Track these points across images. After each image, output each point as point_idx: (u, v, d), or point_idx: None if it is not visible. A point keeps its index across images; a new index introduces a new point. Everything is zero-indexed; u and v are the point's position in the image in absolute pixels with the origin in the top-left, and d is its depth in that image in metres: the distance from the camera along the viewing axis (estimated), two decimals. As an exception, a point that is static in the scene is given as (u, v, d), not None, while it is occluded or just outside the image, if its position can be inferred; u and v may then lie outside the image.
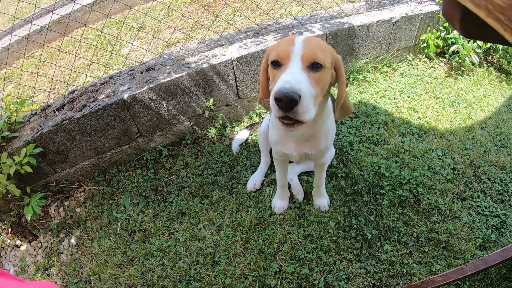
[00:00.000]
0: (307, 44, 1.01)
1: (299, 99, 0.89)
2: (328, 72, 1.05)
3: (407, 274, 1.61)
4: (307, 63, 0.99)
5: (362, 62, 2.83)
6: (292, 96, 0.88)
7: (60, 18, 4.12)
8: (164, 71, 2.18)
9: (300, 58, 0.99)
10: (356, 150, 2.22)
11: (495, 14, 0.33)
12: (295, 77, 0.94)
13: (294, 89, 0.89)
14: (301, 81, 0.94)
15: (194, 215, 1.95)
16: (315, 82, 0.99)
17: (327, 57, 1.03)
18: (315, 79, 0.99)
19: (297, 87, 0.90)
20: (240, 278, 1.62)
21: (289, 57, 1.00)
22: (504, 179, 2.10)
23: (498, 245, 1.75)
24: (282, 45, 1.04)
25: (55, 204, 2.14)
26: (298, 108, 0.91)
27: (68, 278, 1.79)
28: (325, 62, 1.01)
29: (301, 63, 0.98)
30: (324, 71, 1.02)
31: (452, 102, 2.75)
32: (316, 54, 0.99)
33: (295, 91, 0.89)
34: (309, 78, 0.97)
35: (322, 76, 1.02)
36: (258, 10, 3.61)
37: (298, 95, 0.89)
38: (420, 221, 1.83)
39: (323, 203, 1.87)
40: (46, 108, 2.13)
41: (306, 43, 1.01)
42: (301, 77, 0.95)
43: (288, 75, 0.95)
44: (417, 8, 2.93)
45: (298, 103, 0.89)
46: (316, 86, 1.00)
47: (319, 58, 0.99)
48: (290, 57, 1.00)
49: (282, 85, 0.91)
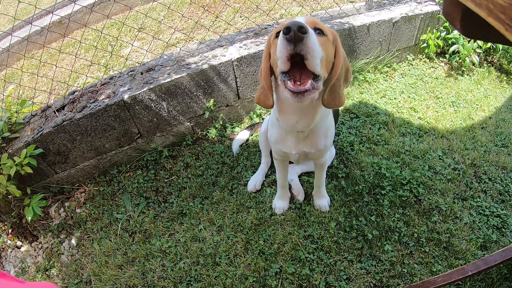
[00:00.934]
0: (309, 17, 1.07)
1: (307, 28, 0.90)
2: (330, 44, 1.07)
3: (408, 275, 1.61)
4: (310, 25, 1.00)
5: (362, 62, 2.83)
6: (299, 23, 0.88)
7: (60, 19, 4.12)
8: (164, 72, 2.18)
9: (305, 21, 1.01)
10: (356, 150, 2.22)
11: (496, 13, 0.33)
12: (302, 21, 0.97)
13: (302, 22, 0.90)
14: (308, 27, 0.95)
15: (194, 215, 1.94)
16: (320, 43, 0.99)
17: (327, 30, 1.08)
18: (319, 40, 0.99)
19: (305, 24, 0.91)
20: (241, 279, 1.62)
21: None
22: (505, 179, 2.10)
23: (499, 245, 1.75)
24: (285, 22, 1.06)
25: (55, 205, 2.14)
26: (307, 40, 0.90)
27: (69, 279, 1.79)
28: (326, 31, 1.06)
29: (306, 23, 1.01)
30: (326, 39, 1.05)
31: (453, 102, 2.75)
32: (316, 22, 1.05)
33: (303, 23, 0.89)
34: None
35: (325, 43, 1.03)
36: (258, 10, 3.61)
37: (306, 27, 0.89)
38: (420, 221, 1.83)
39: (324, 203, 1.87)
40: (47, 109, 2.13)
41: (308, 17, 1.07)
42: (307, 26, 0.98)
43: None
44: (417, 8, 2.92)
45: (307, 32, 0.89)
46: (322, 48, 1.00)
47: (320, 25, 1.05)
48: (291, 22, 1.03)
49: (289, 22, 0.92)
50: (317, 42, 0.95)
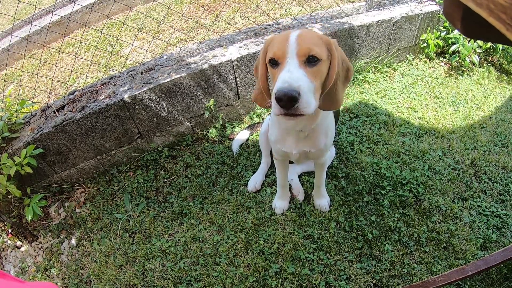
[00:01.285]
0: (301, 40, 1.02)
1: (298, 96, 0.92)
2: (325, 64, 1.06)
3: (408, 274, 1.61)
4: (303, 58, 1.01)
5: (362, 62, 2.83)
6: (291, 95, 0.91)
7: (60, 19, 4.12)
8: (164, 72, 2.18)
9: (296, 55, 1.01)
10: (356, 150, 2.22)
11: (497, 13, 0.33)
12: (293, 75, 0.97)
13: (292, 87, 0.92)
14: (299, 78, 0.96)
15: (194, 215, 1.94)
16: (313, 76, 1.01)
17: (323, 49, 1.04)
18: (312, 74, 1.01)
19: (295, 84, 0.93)
20: (241, 279, 1.62)
21: (285, 55, 1.02)
22: (505, 179, 2.10)
23: (499, 245, 1.75)
24: (277, 43, 1.06)
25: (55, 204, 2.14)
26: (298, 105, 0.94)
27: (69, 279, 1.79)
28: (321, 55, 1.02)
29: (297, 59, 1.00)
30: (321, 64, 1.03)
31: (453, 102, 2.75)
32: (311, 49, 1.00)
33: (294, 89, 0.92)
34: (306, 73, 1.00)
35: (319, 69, 1.03)
36: (258, 10, 3.61)
37: (297, 92, 0.92)
38: (420, 221, 1.83)
39: (324, 203, 1.87)
40: (46, 108, 2.13)
41: (300, 39, 1.02)
42: (299, 74, 0.98)
43: (286, 73, 0.98)
44: (417, 8, 2.92)
45: (298, 101, 0.93)
46: (315, 79, 1.01)
47: (314, 52, 1.00)
48: (286, 55, 1.02)
49: (281, 84, 0.94)
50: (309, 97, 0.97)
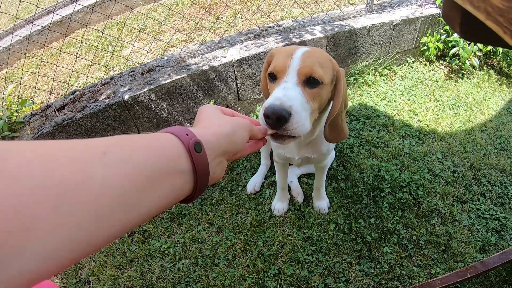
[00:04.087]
0: (306, 58, 0.95)
1: (288, 116, 0.83)
2: (326, 89, 0.99)
3: (407, 277, 1.61)
4: (303, 78, 0.93)
5: (362, 64, 2.83)
6: (280, 114, 0.82)
7: (61, 19, 4.13)
8: (165, 73, 2.18)
9: (296, 73, 0.93)
10: (356, 152, 2.22)
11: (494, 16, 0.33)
12: (288, 93, 0.89)
13: (283, 106, 0.83)
14: (293, 97, 0.88)
15: (193, 216, 1.94)
16: (311, 98, 0.94)
17: (327, 73, 0.97)
18: (311, 95, 0.94)
19: (288, 104, 0.85)
20: (240, 280, 1.62)
21: (285, 71, 0.95)
22: (504, 182, 2.10)
23: (498, 248, 1.75)
24: (281, 56, 0.99)
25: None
26: (287, 125, 0.84)
27: (67, 279, 1.78)
28: (323, 78, 0.95)
29: (296, 77, 0.93)
30: (321, 87, 0.96)
31: (452, 105, 2.75)
32: (313, 70, 0.93)
33: (284, 109, 0.83)
34: (304, 93, 0.92)
35: (319, 92, 0.96)
36: (259, 12, 3.62)
37: (288, 112, 0.83)
38: (420, 223, 1.83)
39: (323, 205, 1.87)
40: (47, 108, 2.13)
41: (305, 56, 0.95)
42: (294, 93, 0.90)
43: (280, 90, 0.90)
44: (417, 11, 2.93)
45: (287, 121, 0.83)
46: (312, 102, 0.94)
47: (316, 74, 0.93)
48: (287, 71, 0.94)
49: (272, 101, 0.85)
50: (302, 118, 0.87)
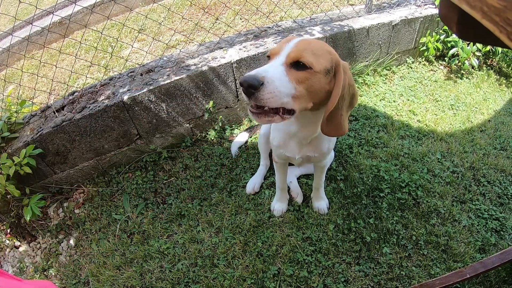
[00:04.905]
0: (300, 44, 1.01)
1: (259, 85, 0.91)
2: (317, 76, 1.00)
3: (406, 277, 1.61)
4: (290, 61, 0.99)
5: (361, 65, 2.83)
6: (250, 81, 0.90)
7: (60, 20, 4.13)
8: (164, 73, 2.18)
9: (286, 55, 0.99)
10: (355, 153, 2.22)
11: (490, 15, 0.33)
12: (268, 68, 0.96)
13: (255, 76, 0.91)
14: (270, 71, 0.95)
15: (193, 217, 1.94)
16: (296, 80, 0.98)
17: (320, 61, 1.00)
18: (296, 77, 0.98)
19: (262, 74, 0.92)
20: (239, 281, 1.62)
21: (278, 53, 1.02)
22: (504, 182, 2.10)
23: (498, 248, 1.75)
24: (278, 43, 1.06)
25: (54, 205, 2.14)
26: (258, 94, 0.92)
27: (67, 279, 1.78)
28: (312, 64, 0.98)
29: (285, 59, 0.99)
30: (310, 72, 0.99)
31: (452, 105, 2.75)
32: (302, 55, 0.98)
33: (256, 77, 0.90)
34: (287, 73, 0.97)
35: (307, 77, 0.99)
36: (258, 13, 3.62)
37: (259, 81, 0.91)
38: (419, 224, 1.83)
39: (322, 205, 1.87)
40: (46, 109, 2.13)
41: (299, 43, 1.02)
42: (274, 69, 0.96)
43: (265, 66, 0.98)
44: (416, 11, 2.93)
45: (257, 89, 0.91)
46: (297, 84, 0.98)
47: (304, 58, 0.97)
48: (279, 53, 1.01)
49: (250, 72, 0.93)
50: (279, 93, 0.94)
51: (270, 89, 0.92)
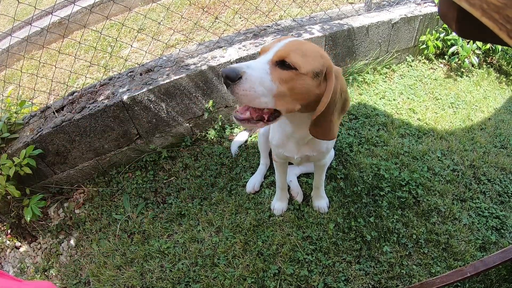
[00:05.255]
0: (290, 44, 1.01)
1: (237, 78, 0.91)
2: (302, 78, 0.98)
3: (407, 276, 1.61)
4: (276, 59, 0.98)
5: (361, 63, 2.83)
6: (227, 73, 0.91)
7: (60, 20, 4.12)
8: (164, 73, 2.18)
9: (273, 53, 0.99)
10: (355, 151, 2.22)
11: (490, 13, 0.33)
12: (252, 63, 0.96)
13: (236, 69, 0.91)
14: (253, 67, 0.95)
15: (193, 216, 1.94)
16: (279, 79, 0.97)
17: (309, 63, 0.98)
18: (280, 77, 0.97)
19: (243, 69, 0.92)
20: (239, 280, 1.62)
21: (267, 51, 1.02)
22: (504, 180, 2.10)
23: (498, 246, 1.74)
24: (271, 41, 1.06)
25: (54, 205, 2.14)
26: (234, 87, 0.92)
27: (67, 280, 1.79)
28: (299, 65, 0.96)
29: (271, 57, 0.98)
30: (295, 73, 0.97)
31: (452, 103, 2.75)
32: (289, 55, 0.96)
33: (236, 70, 0.91)
34: (271, 71, 0.97)
35: (291, 77, 0.97)
36: (257, 11, 3.61)
37: (237, 74, 0.91)
38: (419, 222, 1.83)
39: (322, 204, 1.87)
40: (46, 109, 2.13)
41: (290, 43, 1.01)
42: (258, 65, 0.96)
43: (250, 61, 0.98)
44: (416, 9, 2.93)
45: (233, 81, 0.91)
46: (281, 84, 0.97)
47: (290, 58, 0.96)
48: (268, 51, 1.01)
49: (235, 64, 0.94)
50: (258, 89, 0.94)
51: (246, 86, 0.93)
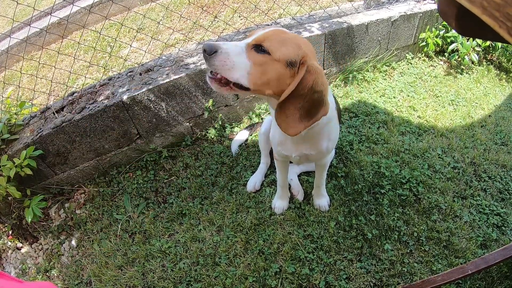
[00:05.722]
0: (271, 32, 1.07)
1: (214, 52, 1.00)
2: (274, 64, 1.04)
3: (408, 274, 1.61)
4: (253, 43, 1.05)
5: (361, 61, 2.82)
6: (205, 47, 1.00)
7: (59, 20, 4.12)
8: (163, 72, 2.18)
9: (252, 38, 1.07)
10: (356, 149, 2.21)
11: (490, 11, 0.33)
12: (229, 43, 1.04)
13: (213, 44, 1.01)
14: (230, 45, 1.03)
15: (194, 216, 1.94)
16: (253, 61, 1.03)
17: (283, 51, 1.04)
18: (254, 59, 1.03)
19: (219, 45, 1.01)
20: (241, 279, 1.62)
21: (250, 36, 1.10)
22: (505, 177, 2.10)
23: (499, 243, 1.74)
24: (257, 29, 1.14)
25: (55, 206, 2.14)
26: (212, 59, 1.00)
27: (69, 280, 1.79)
28: (272, 51, 1.03)
29: (249, 41, 1.06)
30: (267, 57, 1.03)
31: (452, 101, 2.75)
32: (266, 40, 1.04)
33: (212, 45, 1.00)
34: (248, 53, 1.04)
35: (264, 61, 1.04)
36: (256, 10, 3.61)
37: (214, 48, 1.00)
38: (420, 220, 1.83)
39: (323, 203, 1.87)
40: (46, 110, 2.13)
41: (272, 31, 1.08)
42: (235, 44, 1.04)
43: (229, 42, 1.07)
44: (415, 6, 2.92)
45: (210, 54, 1.00)
46: (254, 66, 1.03)
47: (266, 44, 1.03)
48: (251, 36, 1.10)
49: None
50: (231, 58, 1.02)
51: (221, 57, 1.01)
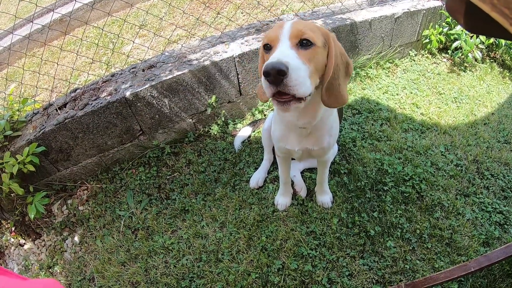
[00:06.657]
0: (296, 24, 1.03)
1: (286, 70, 0.89)
2: (320, 51, 1.04)
3: (410, 271, 1.61)
4: (295, 41, 1.00)
5: (364, 58, 2.81)
6: (278, 67, 0.88)
7: (61, 17, 4.12)
8: (166, 69, 2.18)
9: (288, 37, 1.00)
10: (359, 146, 2.21)
11: (500, 8, 0.32)
12: (282, 53, 0.96)
13: (280, 61, 0.90)
14: (288, 55, 0.95)
15: (197, 212, 1.95)
16: (306, 59, 0.99)
17: (317, 35, 1.03)
18: (306, 56, 0.99)
19: (284, 59, 0.91)
20: (243, 275, 1.63)
21: (278, 38, 1.02)
22: (508, 175, 2.09)
23: (502, 241, 1.74)
24: (272, 29, 1.07)
25: (58, 202, 2.15)
26: (287, 80, 0.91)
27: (72, 276, 1.80)
28: (315, 39, 1.01)
29: (289, 41, 1.00)
30: (314, 48, 1.01)
31: (455, 98, 2.74)
32: (304, 31, 0.99)
33: (281, 62, 0.89)
34: (298, 54, 0.98)
35: (313, 53, 1.01)
36: (259, 6, 3.60)
37: (285, 66, 0.90)
38: (423, 217, 1.83)
39: (326, 199, 1.87)
40: (48, 107, 2.13)
41: (295, 24, 1.03)
42: (288, 52, 0.97)
43: (276, 53, 0.97)
44: (419, 3, 2.91)
45: (286, 74, 0.90)
46: (308, 62, 0.99)
47: (307, 35, 0.99)
48: (279, 38, 1.02)
49: (270, 60, 0.92)
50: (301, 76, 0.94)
51: (295, 75, 0.92)
